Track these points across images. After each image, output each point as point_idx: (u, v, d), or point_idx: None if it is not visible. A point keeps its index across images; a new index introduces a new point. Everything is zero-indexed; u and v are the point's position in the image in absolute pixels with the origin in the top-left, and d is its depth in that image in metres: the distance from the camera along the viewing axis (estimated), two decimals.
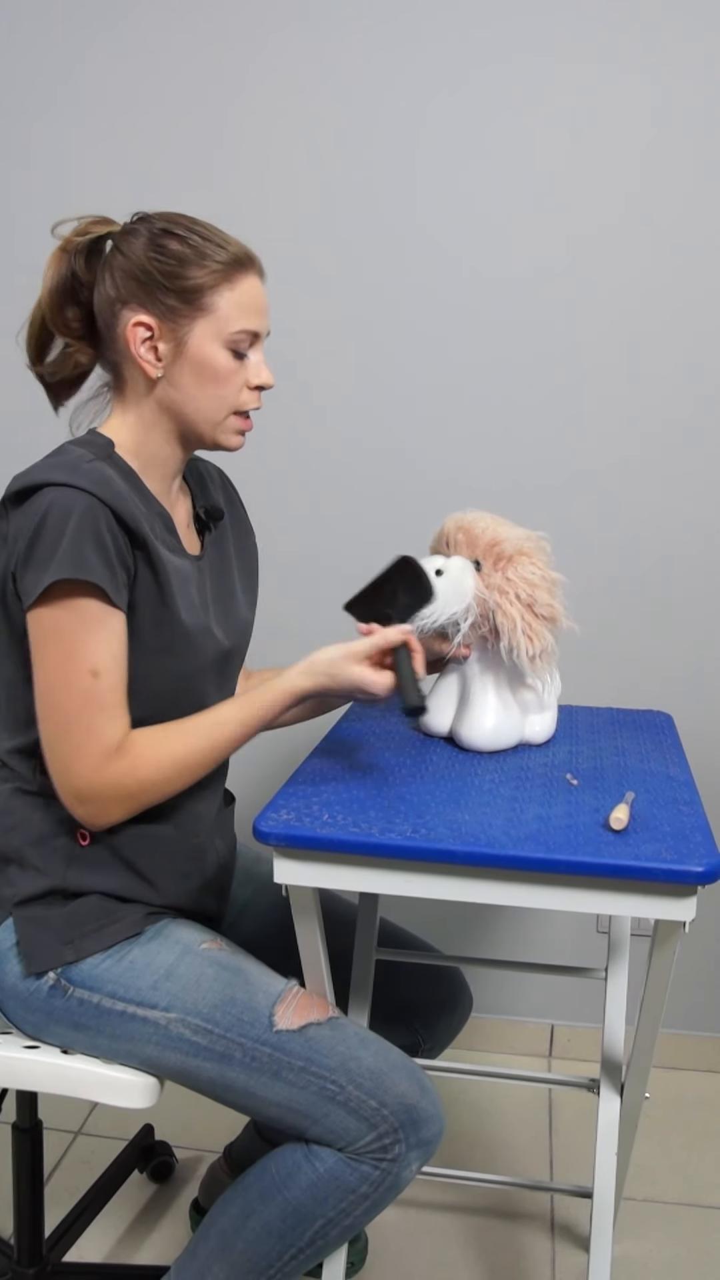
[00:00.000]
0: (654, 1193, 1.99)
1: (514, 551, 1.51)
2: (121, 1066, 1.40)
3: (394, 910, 2.33)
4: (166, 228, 1.38)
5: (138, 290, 1.37)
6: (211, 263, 1.36)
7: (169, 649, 1.38)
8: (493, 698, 1.55)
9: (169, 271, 1.36)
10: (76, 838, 1.41)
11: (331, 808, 1.32)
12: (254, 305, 1.39)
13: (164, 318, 1.37)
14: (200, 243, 1.37)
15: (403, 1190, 1.35)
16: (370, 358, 2.17)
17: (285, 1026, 1.34)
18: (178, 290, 1.36)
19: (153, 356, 1.38)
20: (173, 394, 1.40)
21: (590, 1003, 2.37)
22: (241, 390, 1.41)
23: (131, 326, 1.37)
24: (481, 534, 1.52)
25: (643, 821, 1.30)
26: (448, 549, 1.56)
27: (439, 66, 2.04)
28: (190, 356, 1.38)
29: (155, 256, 1.36)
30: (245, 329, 1.38)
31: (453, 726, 1.58)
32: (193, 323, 1.37)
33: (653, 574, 2.18)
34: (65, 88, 2.14)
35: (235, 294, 1.37)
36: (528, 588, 1.49)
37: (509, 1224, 1.91)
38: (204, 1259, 1.38)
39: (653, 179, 2.03)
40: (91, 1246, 1.83)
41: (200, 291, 1.36)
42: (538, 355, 2.13)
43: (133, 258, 1.37)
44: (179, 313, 1.36)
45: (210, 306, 1.36)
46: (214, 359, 1.38)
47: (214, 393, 1.40)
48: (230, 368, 1.39)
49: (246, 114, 2.11)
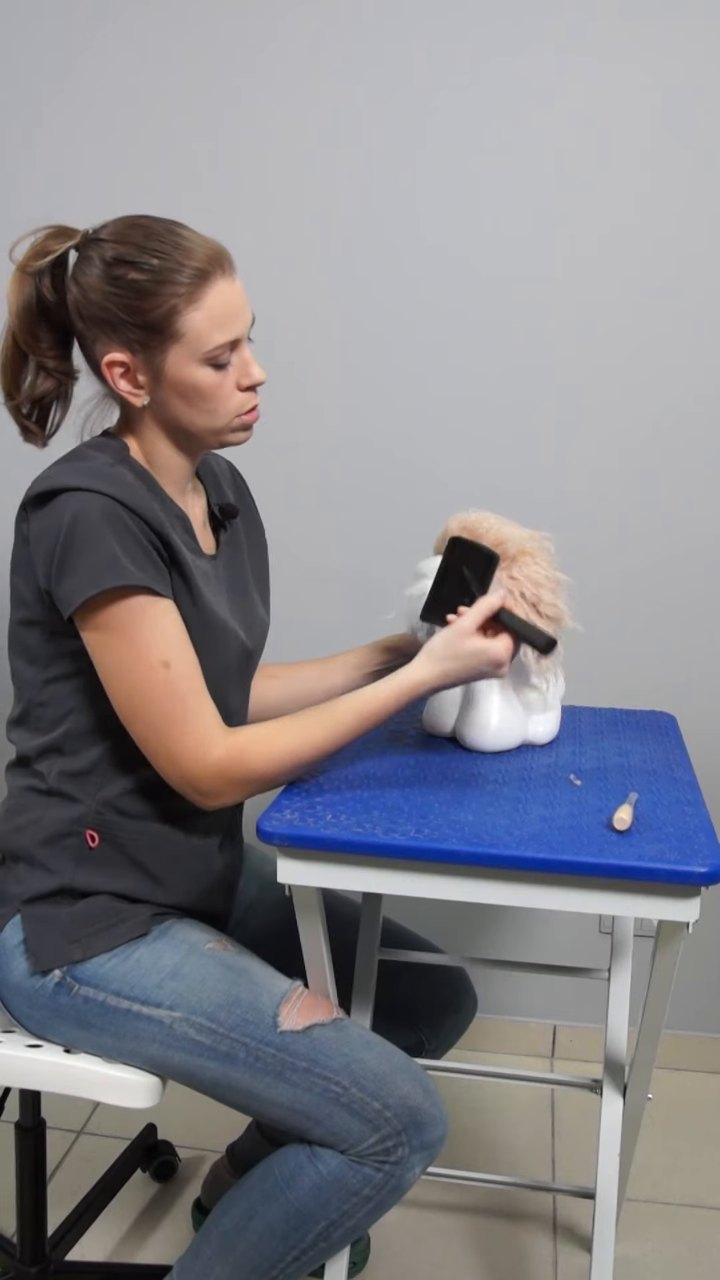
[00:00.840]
0: (656, 1194, 1.99)
1: (518, 551, 1.50)
2: (125, 1066, 1.40)
3: (397, 910, 2.32)
4: (119, 255, 1.31)
5: (103, 328, 1.34)
6: (173, 286, 1.30)
7: (200, 649, 1.37)
8: (496, 698, 1.55)
9: (129, 306, 1.31)
10: (85, 838, 1.42)
11: (335, 808, 1.32)
12: (226, 314, 1.34)
13: (134, 351, 1.34)
14: (157, 265, 1.30)
15: (406, 1192, 1.35)
16: (372, 359, 2.17)
17: (289, 1027, 1.34)
18: (142, 325, 1.32)
19: (133, 387, 1.36)
20: (165, 414, 1.39)
21: (593, 1003, 2.37)
22: (233, 395, 1.38)
23: (106, 366, 1.35)
24: (485, 534, 1.52)
25: (646, 822, 1.30)
26: None
27: (444, 65, 2.04)
28: (170, 382, 1.35)
29: (113, 291, 1.31)
30: (220, 343, 1.33)
31: (456, 727, 1.58)
32: (165, 352, 1.33)
33: (657, 575, 2.18)
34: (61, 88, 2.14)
35: (203, 311, 1.32)
36: (532, 587, 1.48)
37: (511, 1224, 1.91)
38: (206, 1259, 1.39)
39: (661, 180, 2.03)
40: (94, 1245, 1.83)
41: (167, 319, 1.31)
42: (540, 356, 2.13)
43: (91, 294, 1.33)
44: (148, 344, 1.33)
45: (179, 331, 1.32)
46: (195, 379, 1.34)
47: (205, 407, 1.37)
48: (214, 381, 1.35)
49: (246, 115, 2.10)
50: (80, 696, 1.39)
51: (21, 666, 1.44)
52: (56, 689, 1.40)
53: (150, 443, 1.42)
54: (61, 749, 1.42)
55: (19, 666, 1.44)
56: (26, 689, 1.44)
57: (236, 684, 1.49)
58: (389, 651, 1.66)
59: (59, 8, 2.11)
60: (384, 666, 1.64)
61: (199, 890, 1.49)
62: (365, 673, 1.65)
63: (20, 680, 1.45)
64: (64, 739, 1.41)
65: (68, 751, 1.42)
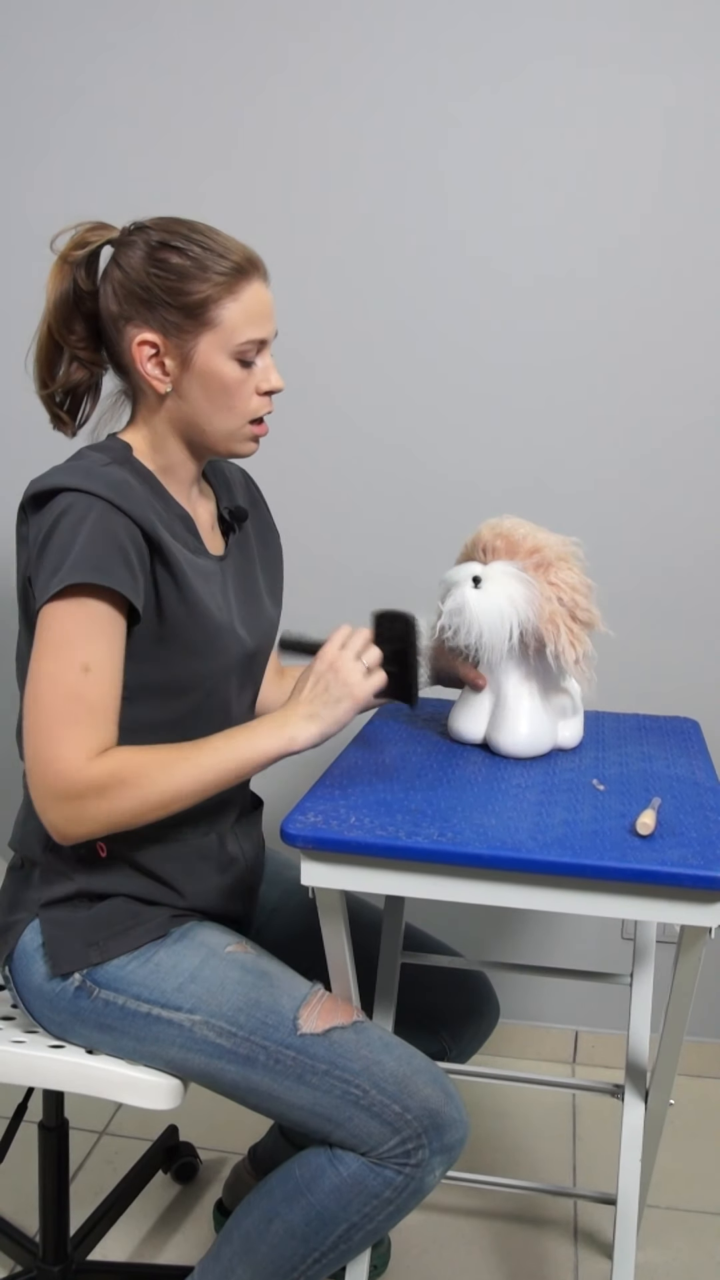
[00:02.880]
0: (677, 1200, 1.98)
1: (555, 558, 1.51)
2: (146, 1068, 1.41)
3: (419, 915, 2.33)
4: (164, 239, 1.36)
5: (140, 307, 1.36)
6: (213, 274, 1.34)
7: (193, 649, 1.38)
8: (528, 704, 1.54)
9: (170, 287, 1.34)
10: (95, 848, 1.42)
11: (359, 811, 1.32)
12: (259, 313, 1.38)
13: (168, 334, 1.36)
14: (200, 253, 1.35)
15: (426, 1195, 1.35)
16: (392, 361, 2.17)
17: (309, 1030, 1.34)
18: (180, 306, 1.35)
19: (160, 372, 1.38)
20: (183, 407, 1.40)
21: (614, 1009, 2.37)
22: (252, 397, 1.40)
23: (136, 345, 1.37)
24: (522, 540, 1.52)
25: (669, 827, 1.30)
26: (484, 556, 1.55)
27: (467, 70, 2.05)
28: (197, 371, 1.37)
29: (155, 271, 1.35)
30: (252, 339, 1.37)
31: (488, 733, 1.57)
32: (198, 337, 1.36)
33: (680, 580, 2.18)
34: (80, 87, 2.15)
35: (239, 304, 1.36)
36: (570, 592, 1.49)
37: (532, 1230, 1.91)
38: (227, 1260, 1.39)
39: (679, 183, 2.03)
40: (115, 1246, 1.83)
41: (204, 305, 1.35)
42: (563, 360, 2.13)
43: (132, 273, 1.36)
44: (183, 328, 1.35)
45: (215, 320, 1.35)
46: (222, 371, 1.37)
47: (225, 403, 1.39)
48: (239, 378, 1.38)
49: (271, 118, 2.12)
50: None
51: (21, 669, 1.45)
52: None
53: (159, 441, 1.43)
54: None
55: (20, 668, 1.45)
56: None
57: (239, 684, 1.49)
58: None
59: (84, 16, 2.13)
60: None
61: (216, 895, 1.49)
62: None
63: (20, 682, 1.46)
64: None
65: None
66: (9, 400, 2.21)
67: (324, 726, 1.34)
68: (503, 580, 1.49)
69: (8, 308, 2.22)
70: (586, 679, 1.53)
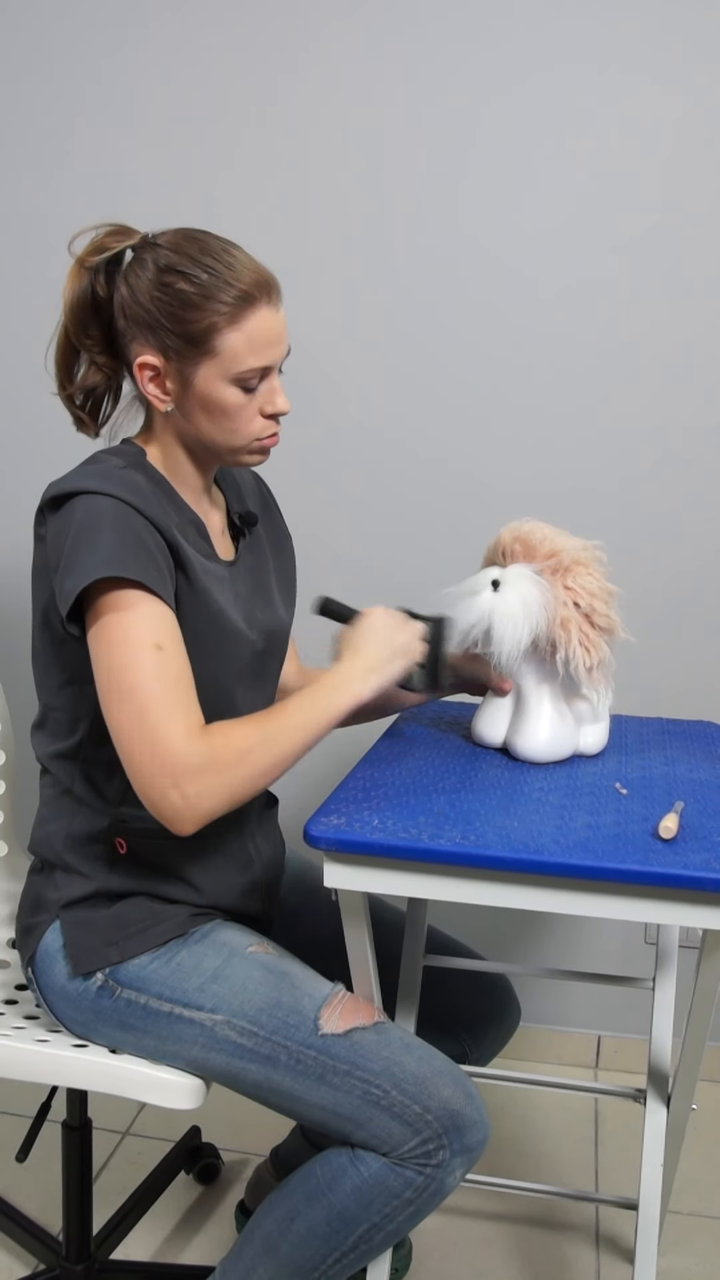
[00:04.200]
0: (699, 1206, 1.98)
1: (571, 562, 1.50)
2: (168, 1067, 1.41)
3: (441, 919, 2.33)
4: (171, 263, 1.34)
5: (143, 329, 1.36)
6: (217, 304, 1.33)
7: (206, 651, 1.38)
8: (548, 709, 1.54)
9: (172, 314, 1.34)
10: (115, 845, 1.43)
11: (382, 813, 1.33)
12: (263, 341, 1.36)
13: (169, 357, 1.36)
14: (206, 280, 1.33)
15: (447, 1196, 1.35)
16: (408, 363, 2.18)
17: (330, 1030, 1.35)
18: (181, 334, 1.34)
19: (160, 392, 1.38)
20: (185, 425, 1.41)
21: (636, 1014, 2.36)
22: (255, 419, 1.39)
23: (138, 367, 1.38)
24: (540, 544, 1.52)
25: (692, 831, 1.30)
26: (504, 559, 1.55)
27: (489, 73, 2.05)
28: (197, 395, 1.37)
29: (159, 296, 1.34)
30: (253, 367, 1.35)
31: (508, 738, 1.57)
32: (198, 364, 1.35)
33: (702, 582, 2.17)
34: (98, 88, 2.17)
35: (242, 334, 1.34)
36: (587, 598, 1.48)
37: (553, 1234, 1.91)
38: (249, 1260, 1.39)
39: (697, 186, 2.03)
40: (138, 1246, 1.84)
41: (206, 335, 1.33)
42: (584, 362, 2.13)
43: (139, 295, 1.35)
44: (184, 354, 1.35)
45: (216, 349, 1.34)
46: (221, 396, 1.36)
47: (226, 426, 1.39)
48: (239, 402, 1.37)
49: (288, 124, 2.12)
50: (91, 704, 1.38)
51: (39, 670, 1.46)
52: (68, 694, 1.42)
53: (169, 449, 1.44)
54: (78, 756, 1.44)
55: (37, 671, 1.46)
56: (43, 694, 1.46)
57: (248, 685, 1.49)
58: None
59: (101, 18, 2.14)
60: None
61: (234, 894, 1.50)
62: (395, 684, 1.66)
63: (39, 685, 1.47)
64: (79, 746, 1.43)
65: (85, 758, 1.43)
66: (29, 401, 2.23)
67: (381, 680, 1.39)
68: (518, 583, 1.49)
69: (27, 308, 2.24)
70: (599, 686, 1.52)
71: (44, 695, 1.46)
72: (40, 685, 1.46)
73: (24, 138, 2.20)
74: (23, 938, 1.50)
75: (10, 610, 2.37)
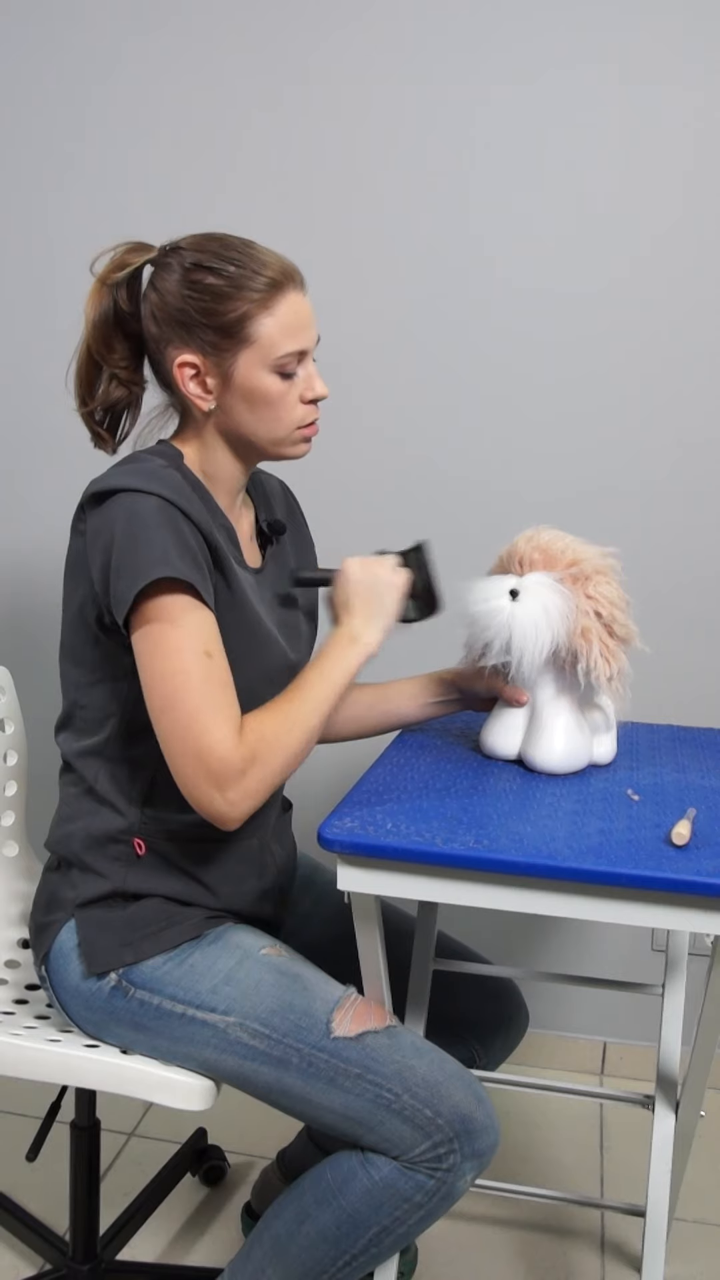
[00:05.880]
0: (706, 1214, 1.98)
1: (593, 570, 1.50)
2: (180, 1068, 1.42)
3: (450, 924, 2.33)
4: (198, 260, 1.37)
5: (178, 330, 1.38)
6: (248, 292, 1.35)
7: (240, 655, 1.39)
8: (564, 720, 1.53)
9: (205, 308, 1.36)
10: (133, 846, 1.44)
11: (395, 817, 1.33)
12: (297, 324, 1.38)
13: (207, 354, 1.38)
14: (234, 272, 1.36)
15: (457, 1200, 1.36)
16: (422, 370, 2.18)
17: (342, 1034, 1.35)
18: (216, 326, 1.36)
19: (202, 390, 1.40)
20: (228, 421, 1.42)
21: (642, 1022, 2.36)
22: (296, 406, 1.42)
23: (178, 367, 1.39)
24: (561, 553, 1.51)
25: (704, 838, 1.30)
26: (520, 568, 1.53)
27: (495, 75, 2.06)
28: (238, 387, 1.39)
29: (190, 294, 1.36)
30: (290, 351, 1.38)
31: (523, 750, 1.56)
32: (236, 355, 1.37)
33: (711, 590, 2.17)
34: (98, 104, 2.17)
35: (275, 319, 1.37)
36: (608, 607, 1.48)
37: (559, 1240, 1.91)
38: (258, 1262, 1.40)
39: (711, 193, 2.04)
40: (144, 1247, 1.84)
41: (240, 324, 1.36)
42: (595, 370, 2.13)
43: (169, 297, 1.38)
44: (221, 347, 1.37)
45: (252, 336, 1.36)
46: (262, 385, 1.38)
47: (269, 415, 1.40)
48: (280, 390, 1.39)
49: (295, 128, 2.13)
50: (121, 702, 1.41)
51: (69, 668, 1.46)
52: (99, 692, 1.43)
53: (208, 450, 1.45)
54: (103, 754, 1.44)
55: (66, 668, 1.47)
56: (71, 691, 1.47)
57: (277, 693, 1.50)
58: (445, 685, 1.68)
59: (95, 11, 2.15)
60: (442, 699, 1.66)
61: (249, 897, 1.51)
62: (420, 703, 1.67)
63: (66, 682, 1.48)
64: (105, 744, 1.44)
65: (109, 757, 1.44)
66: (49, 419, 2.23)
67: (384, 622, 1.44)
68: (540, 592, 1.48)
69: (44, 327, 2.25)
70: (619, 696, 1.51)
71: (71, 692, 1.46)
72: (68, 681, 1.47)
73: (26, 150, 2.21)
74: (37, 936, 1.50)
75: (22, 614, 2.37)
